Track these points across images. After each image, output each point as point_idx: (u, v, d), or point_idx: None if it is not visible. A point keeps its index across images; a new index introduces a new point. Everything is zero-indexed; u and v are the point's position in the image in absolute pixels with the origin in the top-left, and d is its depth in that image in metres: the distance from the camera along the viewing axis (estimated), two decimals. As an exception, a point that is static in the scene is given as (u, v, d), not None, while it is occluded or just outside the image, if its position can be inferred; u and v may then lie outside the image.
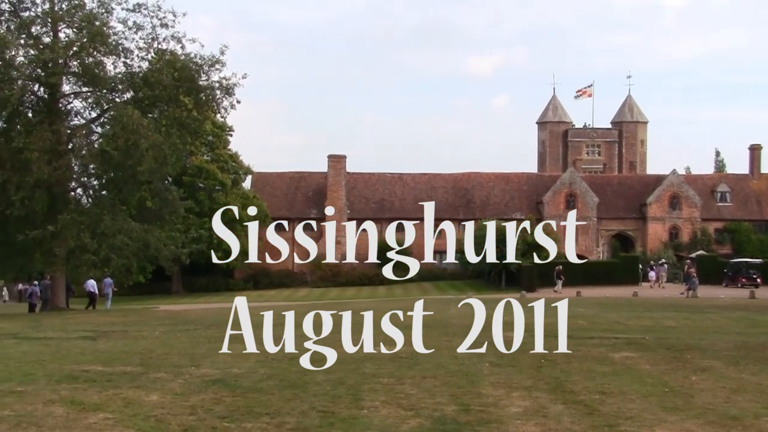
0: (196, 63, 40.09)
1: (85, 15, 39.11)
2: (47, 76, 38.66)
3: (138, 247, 39.42)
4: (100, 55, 39.82)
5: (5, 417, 10.00)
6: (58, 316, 34.99)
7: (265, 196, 78.38)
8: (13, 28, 40.05)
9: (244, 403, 10.95)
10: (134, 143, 36.71)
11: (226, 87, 40.17)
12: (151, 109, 41.34)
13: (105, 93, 40.78)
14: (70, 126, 41.95)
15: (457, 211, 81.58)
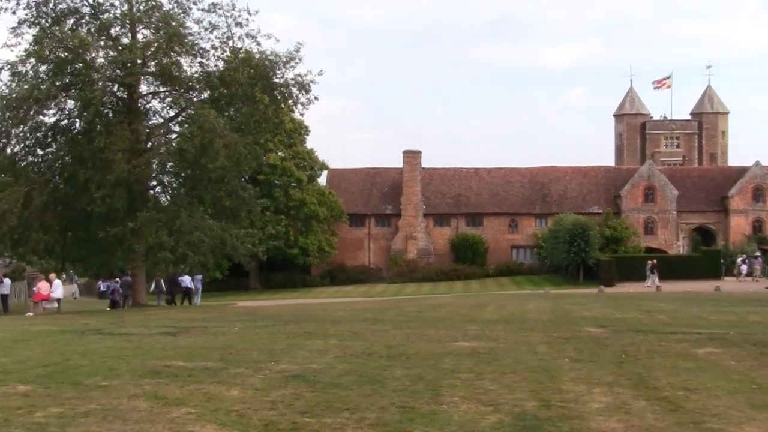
0: (272, 60, 40.35)
1: (162, 16, 39.63)
2: (126, 76, 39.23)
3: (215, 244, 39.85)
4: (177, 55, 40.31)
5: (92, 411, 10.20)
6: (139, 312, 35.55)
7: (340, 193, 78.81)
8: (93, 31, 40.78)
9: (323, 399, 10.99)
10: (210, 141, 37.09)
11: (302, 84, 40.39)
12: (227, 108, 41.71)
13: (182, 92, 41.27)
14: (149, 125, 42.57)
15: (534, 206, 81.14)
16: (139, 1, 40.90)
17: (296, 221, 71.27)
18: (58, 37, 38.04)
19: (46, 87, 37.94)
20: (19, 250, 43.04)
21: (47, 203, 39.78)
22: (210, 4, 40.81)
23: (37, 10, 39.90)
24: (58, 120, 41.18)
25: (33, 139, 41.20)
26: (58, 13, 40.58)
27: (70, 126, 41.53)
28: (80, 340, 19.42)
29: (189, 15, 41.13)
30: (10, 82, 38.73)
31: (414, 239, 79.13)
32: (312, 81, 40.54)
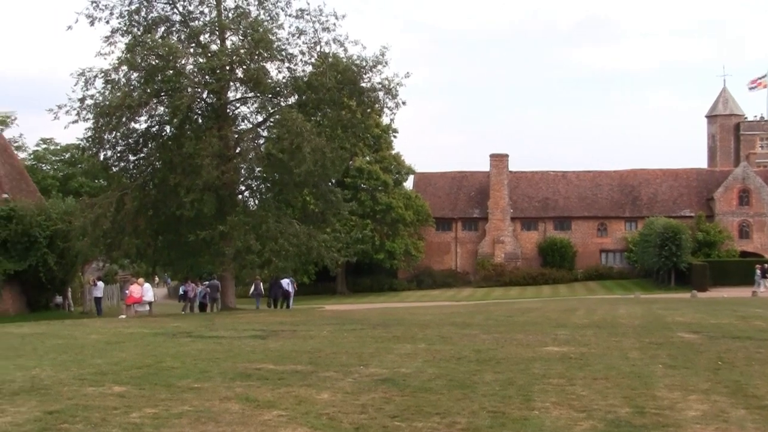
0: (358, 65, 40.51)
1: (250, 23, 40.09)
2: (215, 82, 39.78)
3: (300, 249, 40.07)
4: (265, 60, 40.71)
5: (185, 412, 10.29)
6: (228, 315, 35.95)
7: (427, 196, 78.75)
8: (183, 38, 41.47)
9: (414, 403, 10.91)
10: (297, 146, 37.31)
11: (389, 88, 40.44)
12: (314, 112, 41.95)
13: (270, 97, 41.67)
14: (238, 130, 43.06)
15: (623, 209, 79.96)
16: (228, 8, 41.52)
17: (383, 225, 71.39)
18: (149, 45, 38.75)
19: (137, 94, 38.65)
20: (112, 254, 43.93)
21: (139, 208, 40.55)
22: (297, 10, 41.22)
23: (129, 20, 40.73)
24: (149, 126, 41.92)
25: (125, 145, 42.04)
26: (150, 21, 41.37)
27: (160, 132, 42.24)
28: (172, 343, 19.68)
29: (276, 21, 41.58)
30: (103, 90, 39.56)
31: (501, 243, 78.69)
32: (398, 85, 40.63)
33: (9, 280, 43.16)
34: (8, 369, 14.71)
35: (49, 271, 43.65)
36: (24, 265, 42.92)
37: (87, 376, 13.55)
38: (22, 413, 10.32)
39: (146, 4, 41.46)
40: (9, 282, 43.25)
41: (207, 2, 41.54)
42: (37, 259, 42.95)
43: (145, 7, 41.45)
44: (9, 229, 42.40)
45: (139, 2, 41.25)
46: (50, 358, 16.54)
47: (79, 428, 9.44)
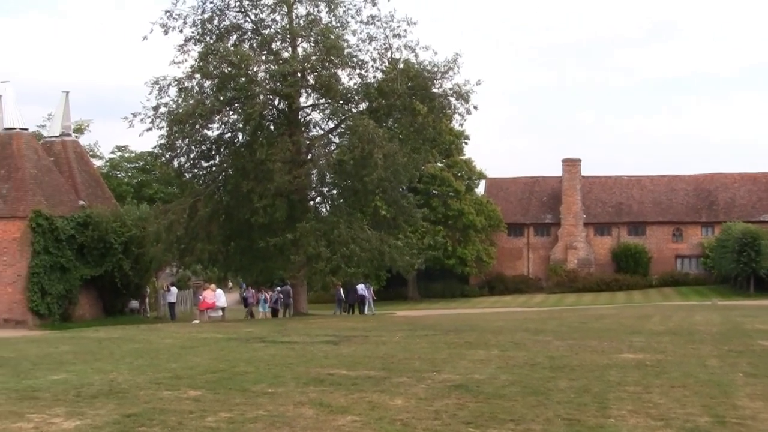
0: (430, 71, 40.43)
1: (321, 30, 40.27)
2: (286, 89, 40.03)
3: (372, 255, 40.05)
4: (336, 67, 40.86)
5: (260, 416, 10.35)
6: (300, 320, 36.14)
7: (499, 202, 78.24)
8: (255, 46, 41.85)
9: (487, 409, 10.83)
10: (369, 152, 37.32)
11: (461, 93, 40.29)
12: (385, 119, 41.96)
13: (341, 104, 41.80)
14: (309, 137, 43.25)
15: (700, 214, 78.47)
16: (299, 15, 41.77)
17: (454, 231, 71.11)
18: (221, 53, 39.14)
19: (210, 101, 39.09)
20: (185, 260, 44.46)
21: (211, 214, 40.94)
22: (368, 17, 41.33)
23: (202, 28, 41.24)
24: (222, 133, 42.36)
25: (198, 152, 42.53)
26: (222, 29, 41.83)
27: (233, 139, 42.64)
28: (245, 348, 19.83)
29: (348, 28, 41.73)
30: (177, 98, 40.07)
31: (574, 249, 77.88)
32: (470, 90, 40.45)
33: (86, 286, 43.93)
34: (87, 373, 14.95)
35: (125, 277, 44.32)
36: (100, 271, 43.65)
37: (163, 380, 13.71)
38: (101, 416, 10.47)
39: (219, 13, 41.93)
40: (86, 287, 44.01)
41: (279, 10, 41.84)
42: (112, 264, 43.63)
43: (218, 16, 41.92)
44: (86, 236, 43.16)
45: (212, 11, 41.76)
46: (127, 362, 16.78)
47: (156, 431, 9.53)
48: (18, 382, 13.83)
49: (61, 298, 41.89)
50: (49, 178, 44.14)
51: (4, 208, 41.48)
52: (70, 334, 28.54)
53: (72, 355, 18.76)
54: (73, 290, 42.67)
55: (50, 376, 14.62)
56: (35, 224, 40.76)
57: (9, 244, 41.21)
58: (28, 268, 40.73)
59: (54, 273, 41.47)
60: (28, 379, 14.16)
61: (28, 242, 40.90)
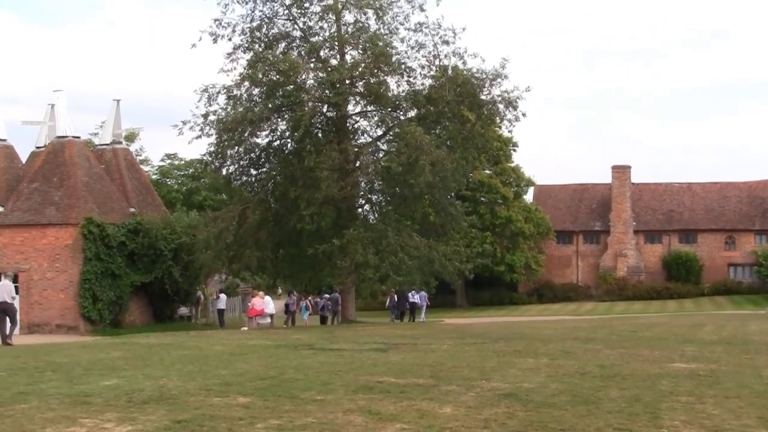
0: (478, 78, 40.36)
1: (369, 37, 40.38)
2: (334, 96, 40.17)
3: (421, 262, 39.96)
4: (384, 74, 40.93)
5: (309, 424, 10.32)
6: (348, 328, 36.14)
7: (547, 209, 77.94)
8: (303, 53, 42.05)
9: (537, 418, 10.72)
10: (416, 159, 37.30)
11: (509, 100, 40.16)
12: (434, 126, 41.94)
13: (389, 111, 41.84)
14: (357, 144, 43.37)
15: (753, 221, 77.50)
16: (347, 23, 41.91)
17: (502, 238, 70.94)
18: (270, 61, 39.41)
19: (259, 109, 39.35)
20: (234, 267, 44.76)
21: (260, 221, 41.20)
22: (416, 24, 41.41)
23: (251, 36, 41.56)
24: (271, 141, 42.65)
25: (247, 160, 42.85)
26: (271, 37, 42.12)
27: (281, 146, 42.90)
28: (294, 355, 19.85)
29: (396, 35, 41.80)
30: (226, 106, 40.43)
31: (624, 256, 77.29)
32: (519, 97, 40.29)
33: (136, 292, 44.35)
34: (137, 378, 15.06)
35: (174, 283, 44.66)
36: (150, 277, 44.03)
37: (212, 386, 13.75)
38: (151, 422, 10.52)
39: (267, 21, 42.25)
40: (136, 293, 44.43)
41: (327, 18, 42.04)
42: (162, 271, 43.99)
43: (267, 24, 42.23)
44: (136, 242, 43.57)
45: (261, 19, 42.08)
46: (177, 369, 16.86)
47: (206, 438, 9.57)
48: (71, 387, 13.96)
49: (111, 305, 42.30)
50: (100, 186, 44.65)
51: (56, 216, 42.01)
52: (120, 339, 28.78)
53: (123, 360, 18.90)
54: (123, 296, 43.08)
55: (102, 381, 14.74)
56: (87, 231, 41.23)
57: (61, 250, 41.71)
58: (80, 275, 41.18)
59: (105, 279, 41.89)
60: (81, 384, 14.28)
61: (80, 249, 41.39)
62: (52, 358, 19.72)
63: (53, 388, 13.84)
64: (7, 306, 29.17)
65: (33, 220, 42.09)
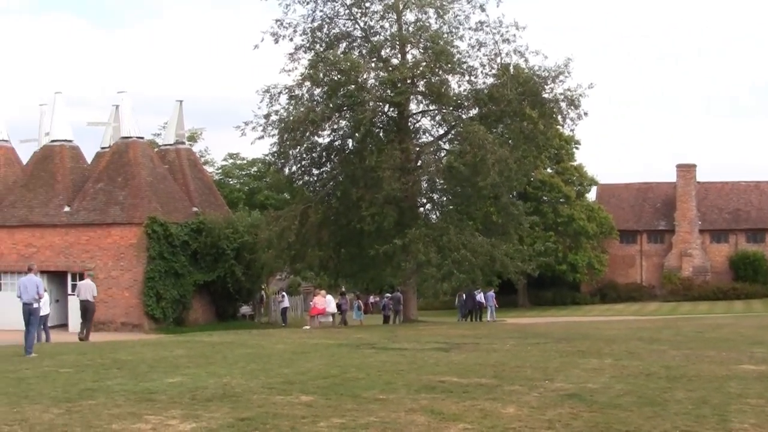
0: (540, 76, 40.03)
1: (430, 36, 40.26)
2: (396, 96, 40.11)
3: (483, 261, 39.74)
4: (445, 73, 40.78)
5: (371, 423, 10.30)
6: (410, 327, 36.10)
7: (610, 208, 77.08)
8: (364, 53, 42.09)
9: (602, 419, 10.58)
10: (480, 159, 37.09)
11: (571, 99, 39.78)
12: (495, 124, 41.70)
13: (451, 110, 41.67)
14: (419, 143, 43.27)
15: (826, 220, 75.95)
16: (408, 22, 41.83)
17: (565, 238, 70.35)
18: (331, 61, 39.44)
19: (320, 109, 39.42)
20: (296, 266, 44.93)
21: (322, 220, 41.31)
22: (477, 22, 41.22)
23: (312, 36, 41.70)
24: (332, 140, 42.74)
25: (309, 159, 43.00)
26: (332, 37, 42.23)
27: (343, 146, 42.97)
28: (356, 354, 19.88)
29: (457, 34, 41.63)
30: (287, 106, 40.60)
31: (689, 256, 76.16)
32: (581, 95, 39.89)
33: (199, 291, 44.71)
34: (201, 376, 15.18)
35: (237, 282, 44.94)
36: (213, 276, 44.36)
37: (275, 384, 13.81)
38: (215, 419, 10.59)
39: (328, 21, 42.38)
40: (199, 292, 44.79)
41: (388, 17, 42.01)
42: (225, 270, 44.29)
43: (328, 24, 42.36)
44: (199, 242, 43.93)
45: (322, 19, 42.23)
46: (240, 367, 16.97)
47: (269, 436, 9.59)
48: (136, 384, 14.12)
49: (175, 303, 42.70)
50: (163, 186, 45.13)
51: (121, 215, 42.55)
52: (184, 338, 29.09)
53: (186, 358, 19.08)
54: (186, 295, 43.45)
55: (166, 379, 14.89)
56: (151, 230, 41.67)
57: (126, 249, 42.23)
58: (144, 273, 41.62)
59: (168, 278, 42.30)
60: (145, 382, 14.44)
61: (144, 248, 41.85)
62: (117, 356, 19.99)
63: (119, 385, 14.01)
64: (87, 304, 30.50)
65: (98, 220, 42.67)
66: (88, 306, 30.58)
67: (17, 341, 24.04)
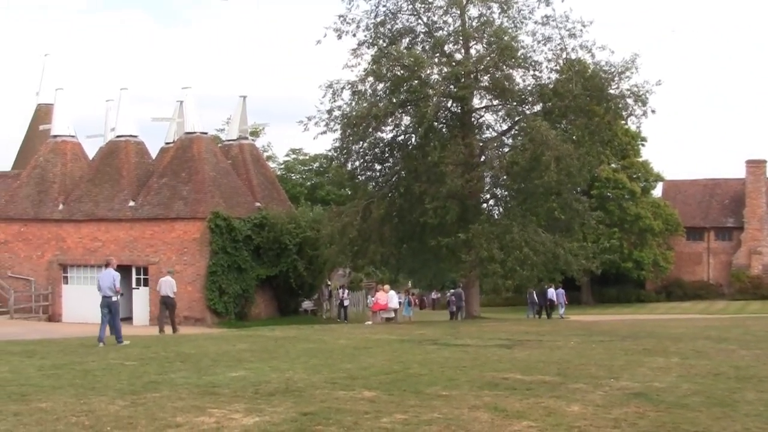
0: (606, 71, 39.49)
1: (494, 31, 39.92)
2: (459, 91, 39.86)
3: (547, 258, 39.38)
4: (509, 68, 40.45)
5: (435, 419, 10.23)
6: (473, 323, 35.95)
7: (676, 205, 75.99)
8: (427, 48, 41.94)
9: (669, 419, 10.38)
10: (542, 154, 36.74)
11: (638, 95, 39.15)
12: (560, 120, 41.28)
13: (515, 105, 41.34)
14: (482, 139, 42.99)
15: None
16: (472, 17, 41.58)
17: (630, 234, 69.52)
18: (394, 56, 39.35)
19: (383, 104, 39.32)
20: (358, 262, 44.99)
21: (384, 216, 41.20)
22: (543, 17, 40.79)
23: (375, 32, 41.62)
24: (395, 135, 42.63)
25: (371, 155, 42.96)
26: (395, 33, 42.11)
27: (405, 141, 42.84)
28: (418, 350, 19.82)
29: (521, 28, 41.30)
30: (350, 101, 40.61)
31: (759, 254, 74.76)
32: (648, 92, 39.24)
33: (261, 285, 45.00)
34: (264, 370, 15.23)
35: (299, 277, 45.14)
36: (275, 271, 44.61)
37: (338, 379, 13.81)
38: (278, 413, 10.60)
39: (391, 17, 42.26)
40: (261, 287, 45.08)
41: (451, 12, 41.78)
42: (287, 265, 44.51)
43: (390, 20, 42.25)
44: (261, 236, 44.18)
45: (385, 15, 42.12)
46: (302, 362, 17.00)
47: (333, 430, 9.57)
48: (199, 377, 14.21)
49: (237, 297, 43.02)
50: (227, 181, 45.47)
51: (184, 210, 42.96)
52: (246, 332, 29.26)
53: (249, 353, 19.17)
54: (249, 289, 43.75)
55: (229, 372, 14.96)
56: (214, 225, 42.02)
57: (189, 244, 42.64)
58: (207, 268, 41.99)
59: (231, 272, 42.62)
60: (209, 375, 14.53)
61: (207, 242, 42.22)
62: (180, 349, 20.16)
63: (182, 378, 14.12)
64: (168, 300, 32.26)
65: (162, 214, 43.15)
66: (168, 301, 32.29)
67: (83, 334, 24.41)
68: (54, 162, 46.95)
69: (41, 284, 44.39)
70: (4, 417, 10.41)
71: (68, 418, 10.32)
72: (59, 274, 44.46)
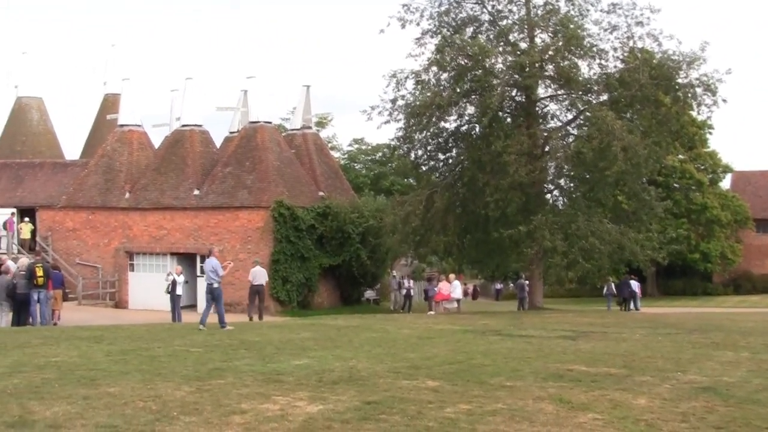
0: (674, 60, 38.84)
1: (560, 20, 39.52)
2: (524, 80, 39.50)
3: (612, 249, 38.89)
4: (575, 57, 39.97)
5: (499, 410, 10.17)
6: (536, 314, 35.71)
7: (746, 196, 74.59)
8: (492, 37, 41.63)
9: (740, 415, 10.18)
10: (608, 144, 36.28)
11: (707, 85, 38.41)
12: (626, 110, 40.73)
13: (580, 95, 40.86)
14: (547, 129, 42.57)
15: None
16: (537, 6, 41.21)
17: (697, 226, 68.44)
18: (458, 45, 39.11)
19: (447, 94, 39.13)
20: (420, 251, 44.95)
21: (447, 206, 41.10)
22: (610, 5, 40.23)
23: (439, 21, 41.46)
24: (458, 125, 42.40)
25: (434, 144, 42.82)
26: (459, 22, 41.89)
27: (469, 131, 42.59)
28: (481, 340, 19.73)
29: (587, 17, 40.80)
30: (414, 90, 40.48)
31: (833, 246, 73.26)
32: (719, 80, 38.48)
33: (324, 274, 45.20)
34: (327, 359, 15.26)
35: (362, 267, 45.25)
36: (338, 260, 44.77)
37: (401, 369, 13.79)
38: (342, 402, 10.61)
39: (456, 5, 42.04)
40: (324, 276, 45.28)
41: (516, 1, 41.46)
42: (350, 254, 44.64)
43: (455, 8, 42.03)
44: (325, 226, 44.35)
45: (449, 4, 41.91)
46: (365, 351, 17.01)
47: (397, 419, 9.54)
48: (263, 365, 14.28)
49: (300, 286, 43.25)
50: (290, 170, 45.71)
51: (248, 198, 43.28)
52: (309, 321, 29.39)
53: (312, 341, 19.24)
54: (312, 278, 43.96)
55: (293, 361, 15.02)
56: (277, 214, 42.28)
57: (253, 233, 42.98)
58: (270, 256, 42.24)
59: (294, 261, 42.86)
60: (273, 363, 14.60)
61: (271, 231, 42.51)
62: (244, 337, 20.31)
63: (247, 366, 14.20)
64: (260, 288, 34.15)
65: (226, 203, 43.55)
66: (260, 290, 34.16)
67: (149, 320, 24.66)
68: (121, 151, 47.66)
69: (108, 271, 45.13)
70: (74, 401, 10.56)
71: (136, 403, 10.45)
72: (125, 261, 45.13)
